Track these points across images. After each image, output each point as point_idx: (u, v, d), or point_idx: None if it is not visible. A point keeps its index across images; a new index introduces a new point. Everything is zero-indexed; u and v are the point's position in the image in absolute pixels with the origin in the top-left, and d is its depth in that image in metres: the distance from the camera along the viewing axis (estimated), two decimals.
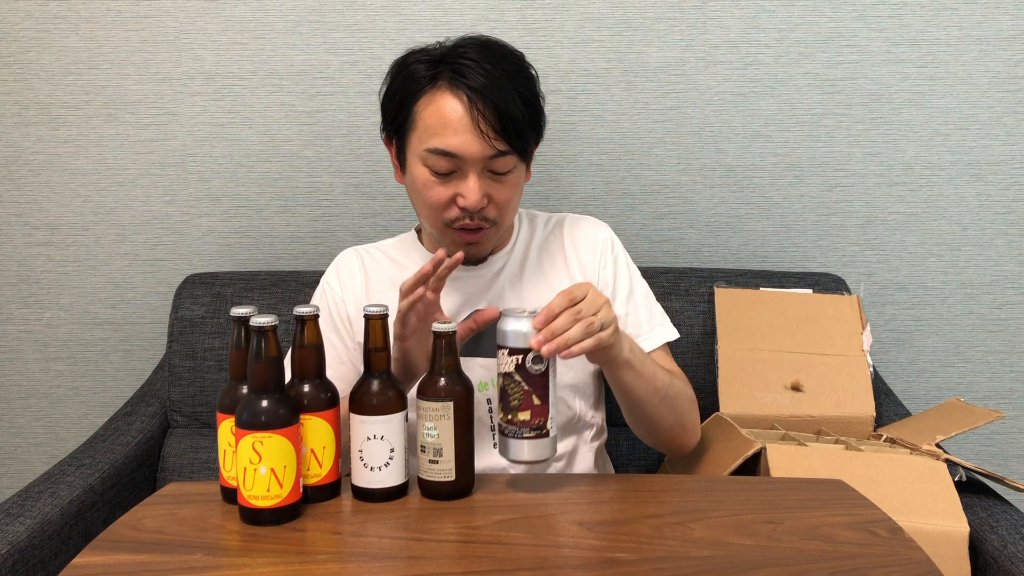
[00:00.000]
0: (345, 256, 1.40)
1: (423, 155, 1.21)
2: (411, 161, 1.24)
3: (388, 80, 1.26)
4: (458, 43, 1.23)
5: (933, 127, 1.79)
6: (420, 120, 1.21)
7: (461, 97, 1.19)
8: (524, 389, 1.01)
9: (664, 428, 1.26)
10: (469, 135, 1.18)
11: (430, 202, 1.23)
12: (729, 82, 1.77)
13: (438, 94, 1.20)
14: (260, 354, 0.96)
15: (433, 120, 1.20)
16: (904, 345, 1.85)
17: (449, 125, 1.19)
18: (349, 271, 1.37)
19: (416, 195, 1.26)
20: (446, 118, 1.19)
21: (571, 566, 0.89)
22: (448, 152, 1.19)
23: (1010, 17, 1.76)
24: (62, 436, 1.88)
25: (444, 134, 1.19)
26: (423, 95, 1.21)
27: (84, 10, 1.75)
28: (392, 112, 1.25)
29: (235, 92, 1.77)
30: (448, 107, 1.19)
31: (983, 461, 1.86)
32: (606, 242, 1.38)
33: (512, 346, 1.01)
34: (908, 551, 0.91)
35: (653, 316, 1.37)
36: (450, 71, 1.20)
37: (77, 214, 1.81)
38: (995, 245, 1.82)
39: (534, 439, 1.02)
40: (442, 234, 1.26)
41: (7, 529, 1.22)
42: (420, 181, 1.23)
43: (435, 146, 1.19)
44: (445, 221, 1.24)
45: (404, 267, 1.35)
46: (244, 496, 0.97)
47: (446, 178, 1.21)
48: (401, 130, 1.24)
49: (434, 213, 1.24)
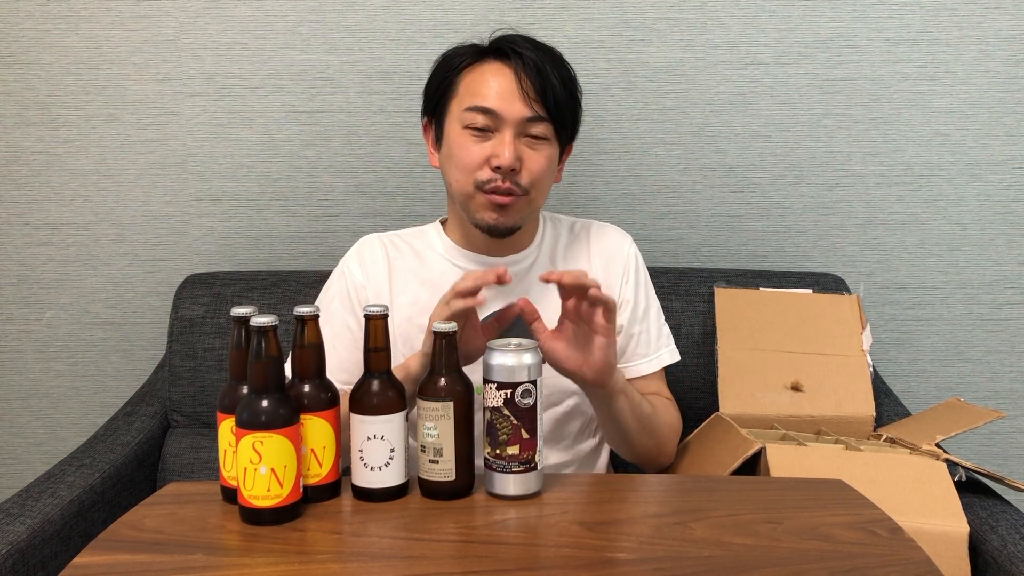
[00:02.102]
0: (369, 243, 1.39)
1: (462, 115, 1.26)
2: (449, 128, 1.28)
3: (432, 71, 1.33)
4: (502, 36, 1.30)
5: (933, 127, 1.79)
6: (462, 87, 1.28)
7: (506, 63, 1.26)
8: (513, 423, 1.00)
9: (642, 451, 1.31)
10: (509, 95, 1.25)
11: (464, 162, 1.26)
12: (729, 82, 1.77)
13: (483, 64, 1.28)
14: (260, 354, 0.96)
15: (475, 84, 1.27)
16: (904, 345, 1.85)
17: (491, 86, 1.26)
18: (373, 258, 1.37)
19: (450, 160, 1.28)
20: (488, 80, 1.26)
21: (571, 566, 0.89)
22: (487, 108, 1.25)
23: (1010, 17, 1.76)
24: (62, 436, 1.88)
25: (485, 93, 1.25)
26: (467, 68, 1.28)
27: (84, 10, 1.75)
28: (433, 88, 1.31)
29: (235, 92, 1.77)
30: (491, 71, 1.26)
31: (983, 461, 1.86)
32: (630, 257, 1.40)
33: (500, 380, 1.00)
34: (908, 551, 0.91)
35: (660, 337, 1.40)
36: (495, 47, 1.28)
37: (77, 214, 1.81)
38: (995, 245, 1.82)
39: (522, 473, 1.02)
40: (472, 201, 1.28)
41: (7, 529, 1.22)
42: (456, 143, 1.27)
43: (475, 103, 1.25)
44: (477, 183, 1.26)
45: (427, 261, 1.36)
46: (244, 496, 0.97)
47: (482, 137, 1.25)
48: (442, 102, 1.29)
49: (466, 175, 1.26)
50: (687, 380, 1.63)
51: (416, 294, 1.33)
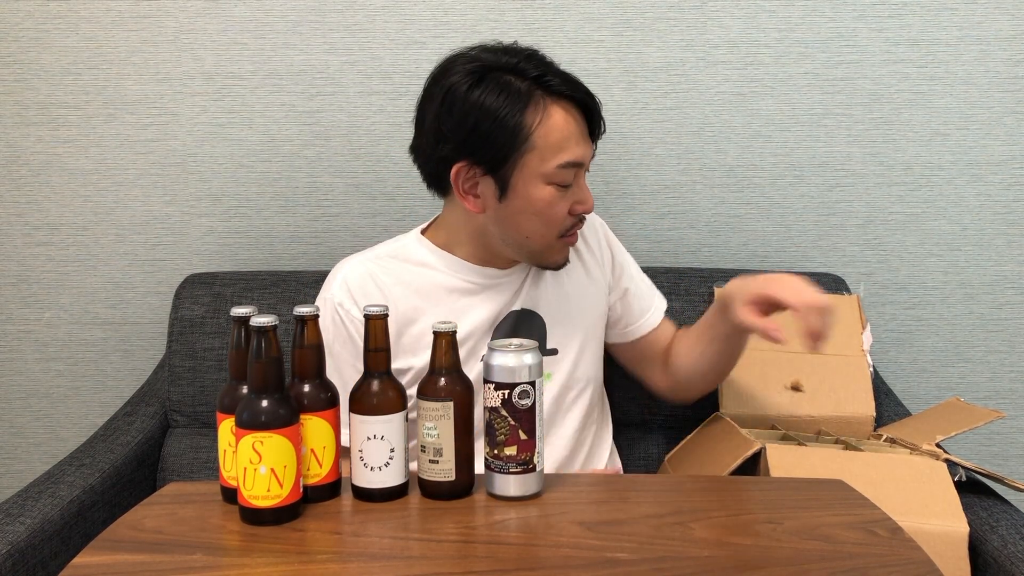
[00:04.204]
0: (351, 272, 1.30)
1: (550, 173, 1.20)
2: (526, 184, 1.20)
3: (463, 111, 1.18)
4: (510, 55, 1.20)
5: (933, 127, 1.79)
6: (538, 140, 1.18)
7: (565, 105, 1.20)
8: (511, 424, 1.00)
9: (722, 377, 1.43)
10: (583, 140, 1.23)
11: (555, 219, 1.24)
12: (729, 82, 1.77)
13: (550, 110, 1.19)
14: (260, 354, 0.96)
15: (555, 136, 1.19)
16: (904, 345, 1.85)
17: (571, 137, 1.20)
18: (363, 289, 1.28)
19: (533, 216, 1.22)
20: (564, 131, 1.20)
21: (571, 566, 0.89)
22: (578, 163, 1.22)
23: (1010, 17, 1.76)
24: (62, 436, 1.88)
25: (569, 147, 1.20)
26: (529, 114, 1.18)
27: (84, 10, 1.75)
28: (494, 142, 1.18)
29: (235, 92, 1.77)
30: (562, 120, 1.20)
31: (983, 461, 1.86)
32: (601, 227, 1.45)
33: (499, 381, 1.00)
34: (908, 551, 0.91)
35: (652, 288, 1.47)
36: (538, 84, 1.19)
37: (77, 214, 1.81)
38: (995, 245, 1.82)
39: (520, 474, 1.01)
40: (550, 248, 1.28)
41: (7, 529, 1.22)
42: (544, 201, 1.21)
43: (566, 160, 1.20)
44: (560, 232, 1.25)
45: (430, 267, 1.31)
46: (244, 496, 0.97)
47: (565, 191, 1.23)
48: (509, 156, 1.19)
49: (553, 228, 1.25)
50: None
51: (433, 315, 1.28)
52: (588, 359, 1.38)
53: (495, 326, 1.31)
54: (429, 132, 1.23)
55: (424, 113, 1.25)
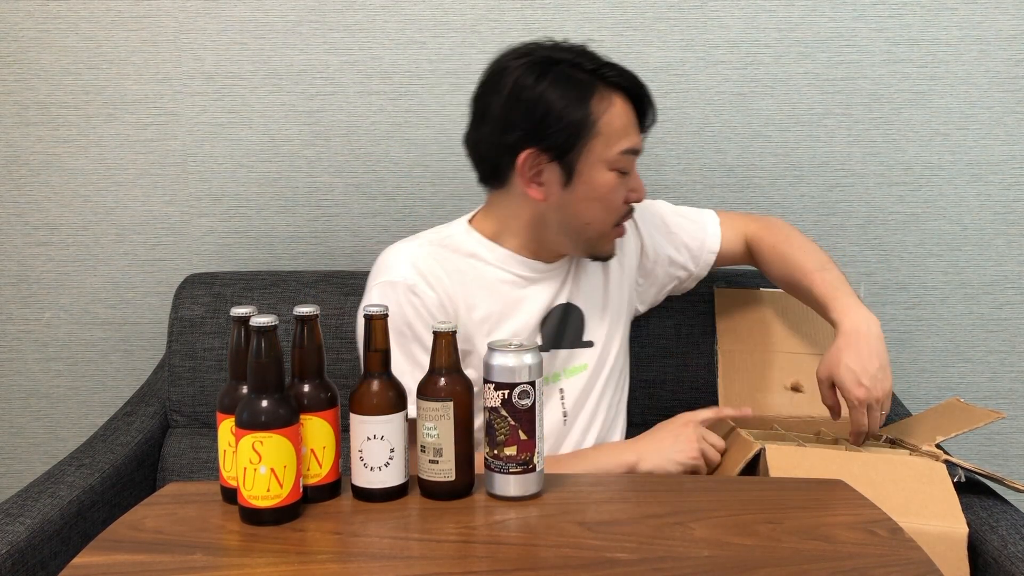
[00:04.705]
0: (416, 254, 1.29)
1: (613, 159, 1.26)
2: (591, 169, 1.25)
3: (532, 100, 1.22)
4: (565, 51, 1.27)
5: (933, 127, 1.79)
6: (603, 126, 1.24)
7: (625, 97, 1.27)
8: (510, 424, 1.00)
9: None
10: (637, 131, 1.29)
11: (614, 204, 1.29)
12: (729, 82, 1.77)
13: (613, 99, 1.26)
14: (260, 354, 0.96)
15: (618, 123, 1.25)
16: (904, 345, 1.85)
17: (631, 125, 1.27)
18: (432, 271, 1.28)
19: (595, 202, 1.27)
20: (625, 119, 1.27)
21: (571, 566, 0.89)
22: (637, 151, 1.28)
23: (1010, 17, 1.76)
24: (62, 436, 1.88)
25: (630, 134, 1.27)
26: (595, 102, 1.24)
27: (84, 10, 1.75)
28: (564, 126, 1.22)
29: (235, 92, 1.77)
30: (622, 108, 1.26)
31: (983, 461, 1.86)
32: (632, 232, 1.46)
33: (498, 380, 1.00)
34: (908, 551, 0.91)
35: (696, 212, 1.52)
36: (598, 76, 1.25)
37: (77, 214, 1.81)
38: (995, 245, 1.82)
39: (520, 474, 1.02)
40: (604, 237, 1.32)
41: (7, 529, 1.22)
42: (607, 186, 1.27)
43: (628, 147, 1.26)
44: (616, 220, 1.31)
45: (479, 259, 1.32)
46: (244, 496, 0.97)
47: (624, 178, 1.28)
48: (576, 141, 1.23)
49: (612, 215, 1.30)
50: (687, 380, 1.63)
51: (488, 308, 1.31)
52: (620, 349, 1.43)
53: (543, 320, 1.34)
54: (495, 121, 1.26)
55: (487, 104, 1.27)
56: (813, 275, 1.40)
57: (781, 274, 1.47)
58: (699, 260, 1.51)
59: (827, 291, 1.37)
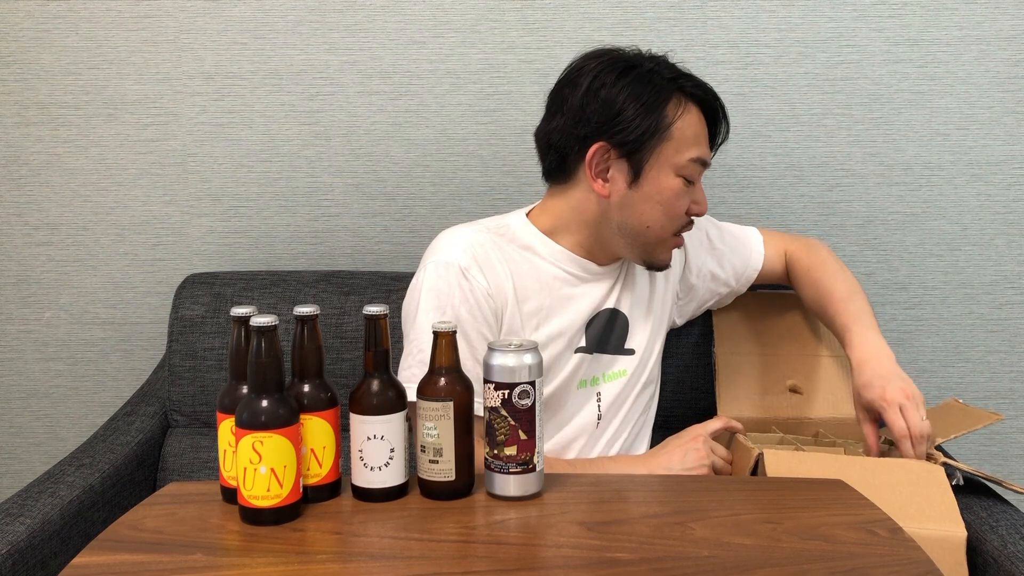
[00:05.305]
0: (473, 239, 1.29)
1: (682, 165, 1.27)
2: (658, 172, 1.26)
3: (611, 95, 1.24)
4: (646, 58, 1.29)
5: (933, 127, 1.79)
6: (677, 131, 1.25)
7: (700, 109, 1.29)
8: (510, 424, 1.00)
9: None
10: (708, 144, 1.31)
11: (677, 211, 1.29)
12: (729, 82, 1.77)
13: (689, 107, 1.27)
14: (260, 354, 0.96)
15: (690, 131, 1.27)
16: (904, 345, 1.85)
17: (702, 135, 1.29)
18: (487, 257, 1.28)
19: (658, 205, 1.28)
20: (699, 130, 1.28)
21: (571, 566, 0.89)
22: (706, 161, 1.29)
23: (1010, 17, 1.76)
24: (62, 436, 1.88)
25: (701, 144, 1.29)
26: (671, 106, 1.25)
27: (84, 10, 1.75)
28: (640, 124, 1.24)
29: (235, 92, 1.77)
30: (697, 118, 1.28)
31: (983, 461, 1.86)
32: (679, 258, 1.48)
33: (499, 380, 1.00)
34: (908, 551, 0.91)
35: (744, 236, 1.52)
36: (676, 84, 1.27)
37: (77, 214, 1.81)
38: (995, 245, 1.82)
39: (520, 474, 1.02)
40: (662, 244, 1.32)
41: (7, 529, 1.22)
42: (672, 191, 1.27)
43: (697, 155, 1.28)
44: (676, 228, 1.31)
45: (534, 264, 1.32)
46: (244, 496, 0.97)
47: (689, 187, 1.28)
48: (649, 140, 1.25)
49: (673, 221, 1.30)
50: (687, 380, 1.63)
51: (539, 302, 1.31)
52: (656, 360, 1.45)
53: (589, 321, 1.35)
54: (570, 113, 1.27)
55: (564, 97, 1.28)
56: (838, 304, 1.40)
57: (812, 298, 1.47)
58: (741, 278, 1.52)
59: (847, 321, 1.38)
